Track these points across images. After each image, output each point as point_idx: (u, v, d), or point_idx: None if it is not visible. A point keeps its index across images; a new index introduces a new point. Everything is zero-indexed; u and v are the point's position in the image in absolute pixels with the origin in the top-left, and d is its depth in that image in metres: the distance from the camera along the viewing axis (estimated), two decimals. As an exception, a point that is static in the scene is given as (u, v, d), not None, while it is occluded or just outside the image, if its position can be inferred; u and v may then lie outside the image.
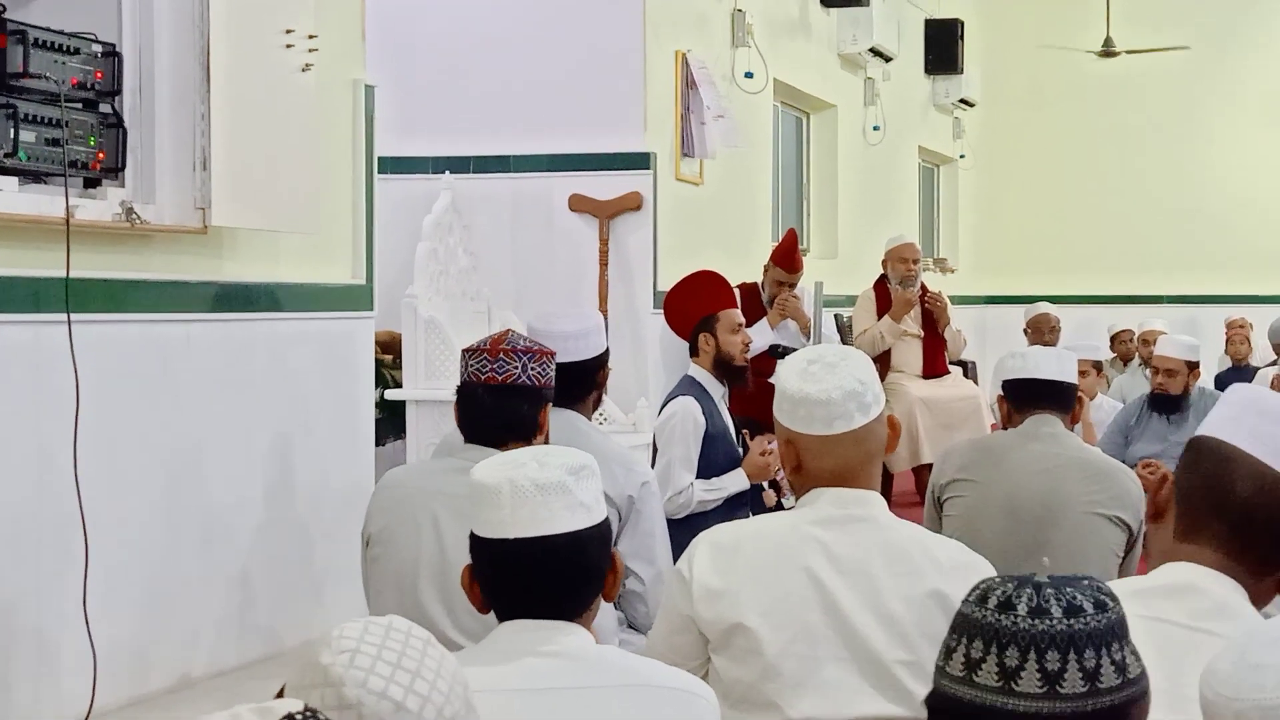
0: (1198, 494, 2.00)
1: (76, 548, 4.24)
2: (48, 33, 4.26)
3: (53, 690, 4.29)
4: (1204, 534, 1.98)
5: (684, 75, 8.27)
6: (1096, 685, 1.53)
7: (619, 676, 2.20)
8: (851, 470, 2.62)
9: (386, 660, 1.58)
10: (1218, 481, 1.98)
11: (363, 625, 1.62)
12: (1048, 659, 1.53)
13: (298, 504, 5.40)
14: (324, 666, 1.57)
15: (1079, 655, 1.53)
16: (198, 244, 4.88)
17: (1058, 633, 1.53)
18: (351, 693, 1.55)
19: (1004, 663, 1.54)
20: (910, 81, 13.05)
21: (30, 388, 4.23)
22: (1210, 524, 1.98)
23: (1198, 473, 2.01)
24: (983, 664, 1.56)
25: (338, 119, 5.71)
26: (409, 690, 1.56)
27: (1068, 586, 1.57)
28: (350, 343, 5.78)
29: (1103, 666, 1.54)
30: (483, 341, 3.43)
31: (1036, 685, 1.53)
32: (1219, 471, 1.98)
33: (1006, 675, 1.54)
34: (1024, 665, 1.53)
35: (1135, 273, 15.02)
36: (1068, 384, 4.21)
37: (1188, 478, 2.03)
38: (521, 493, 2.19)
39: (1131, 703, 1.57)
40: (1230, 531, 1.96)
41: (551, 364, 3.43)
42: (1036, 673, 1.53)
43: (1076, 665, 1.53)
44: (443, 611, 3.25)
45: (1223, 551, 1.96)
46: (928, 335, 8.92)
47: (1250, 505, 1.96)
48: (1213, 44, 14.72)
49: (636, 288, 8.02)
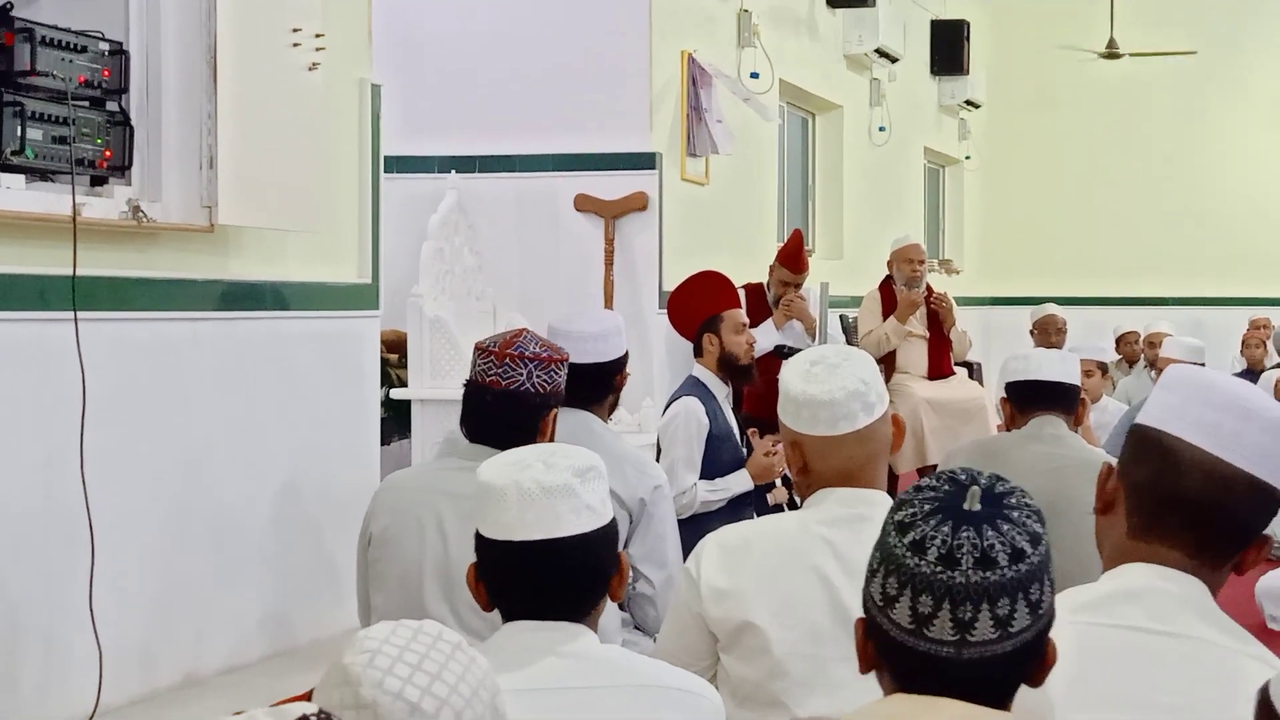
0: (1146, 491, 1.95)
1: (83, 545, 4.24)
2: (55, 31, 4.27)
3: (59, 688, 4.30)
4: (1158, 532, 1.93)
5: (690, 75, 8.27)
6: (1008, 630, 1.59)
7: (624, 677, 2.20)
8: (857, 470, 2.62)
9: (407, 662, 1.58)
10: (1166, 479, 1.93)
11: (391, 627, 1.63)
12: (961, 610, 1.58)
13: (304, 502, 5.41)
14: (344, 665, 1.58)
15: (991, 605, 1.58)
16: (204, 242, 4.89)
17: (973, 584, 1.58)
18: (367, 693, 1.55)
19: (917, 607, 1.59)
20: (916, 82, 13.05)
21: (37, 385, 4.24)
22: (1164, 523, 1.93)
23: (1144, 468, 1.96)
24: (897, 602, 1.61)
25: (344, 118, 5.71)
26: (426, 692, 1.56)
27: (997, 522, 1.60)
28: (356, 342, 5.78)
29: (1016, 613, 1.59)
30: (494, 341, 3.42)
31: (949, 633, 1.58)
32: (1165, 467, 1.93)
33: (919, 620, 1.59)
34: (936, 613, 1.58)
35: (1140, 274, 15.01)
36: (1070, 385, 4.21)
37: (1134, 472, 1.97)
38: (528, 496, 2.18)
39: (1040, 635, 1.63)
40: (1186, 530, 1.92)
41: (561, 370, 3.41)
42: (949, 621, 1.58)
43: (989, 614, 1.58)
44: (446, 610, 3.26)
45: (1180, 549, 1.92)
46: (933, 336, 8.91)
47: (1202, 500, 1.91)
48: (1218, 46, 14.71)
49: (641, 288, 8.02)
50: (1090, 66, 14.24)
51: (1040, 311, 10.80)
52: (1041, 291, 13.35)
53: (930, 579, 1.58)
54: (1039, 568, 1.60)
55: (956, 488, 1.64)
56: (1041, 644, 1.64)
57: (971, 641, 1.58)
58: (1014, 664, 1.62)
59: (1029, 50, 15.04)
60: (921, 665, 1.61)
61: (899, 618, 1.61)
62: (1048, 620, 1.64)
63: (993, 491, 1.64)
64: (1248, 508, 1.92)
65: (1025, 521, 1.62)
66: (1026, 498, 1.66)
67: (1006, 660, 1.60)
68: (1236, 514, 1.92)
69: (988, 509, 1.61)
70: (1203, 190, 15.03)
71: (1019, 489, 1.67)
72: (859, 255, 11.18)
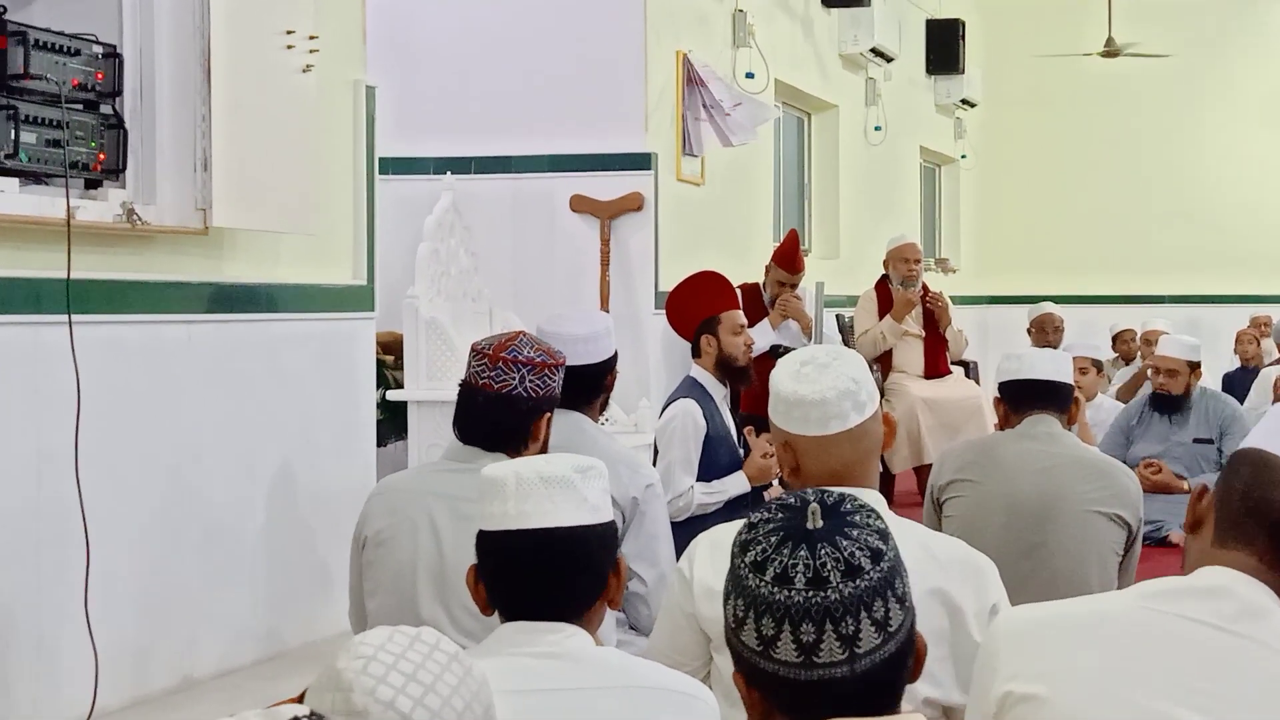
0: (1236, 501, 2.00)
1: (77, 548, 4.24)
2: (48, 34, 4.26)
3: (53, 691, 4.29)
4: (1240, 540, 1.97)
5: (685, 75, 8.27)
6: (855, 650, 1.55)
7: (619, 678, 2.20)
8: (849, 469, 2.62)
9: (401, 670, 1.56)
10: (1257, 488, 1.98)
11: (387, 633, 1.61)
12: (803, 630, 1.54)
13: (299, 505, 5.41)
14: (338, 670, 1.57)
15: (835, 625, 1.54)
16: (199, 245, 4.88)
17: (808, 605, 1.54)
18: (359, 700, 1.54)
19: (761, 630, 1.57)
20: (911, 82, 13.05)
21: (31, 388, 4.24)
22: (1247, 530, 1.97)
23: (1237, 480, 2.01)
24: (745, 624, 1.59)
25: (338, 120, 5.71)
26: (418, 703, 1.55)
27: (838, 539, 1.56)
28: (351, 343, 5.78)
29: (862, 632, 1.55)
30: (489, 343, 3.42)
31: (793, 655, 1.55)
32: (1258, 478, 1.98)
33: (765, 641, 1.57)
34: (779, 635, 1.56)
35: (1136, 273, 15.02)
36: (1063, 384, 4.22)
37: (1226, 487, 2.03)
38: (526, 484, 2.21)
39: (898, 652, 1.59)
40: (1267, 537, 1.96)
41: (555, 375, 3.41)
42: (792, 643, 1.55)
43: (834, 634, 1.55)
44: (441, 612, 3.26)
45: (1258, 557, 1.96)
46: (929, 335, 8.92)
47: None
48: (1213, 46, 14.73)
49: (638, 288, 8.02)
50: (1086, 65, 14.24)
51: (1037, 310, 10.83)
52: (1038, 290, 13.36)
53: (769, 599, 1.55)
54: (880, 584, 1.57)
55: (801, 505, 1.62)
56: (903, 660, 1.61)
57: (818, 663, 1.55)
58: (871, 683, 1.57)
59: (1024, 49, 15.03)
60: (772, 685, 1.58)
61: (748, 639, 1.59)
62: (905, 639, 1.60)
63: (835, 509, 1.62)
64: None
65: (865, 539, 1.59)
66: (871, 515, 1.63)
67: (861, 680, 1.56)
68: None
69: (828, 526, 1.58)
70: (1198, 189, 15.03)
71: (865, 506, 1.64)
72: (855, 255, 11.18)
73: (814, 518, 1.58)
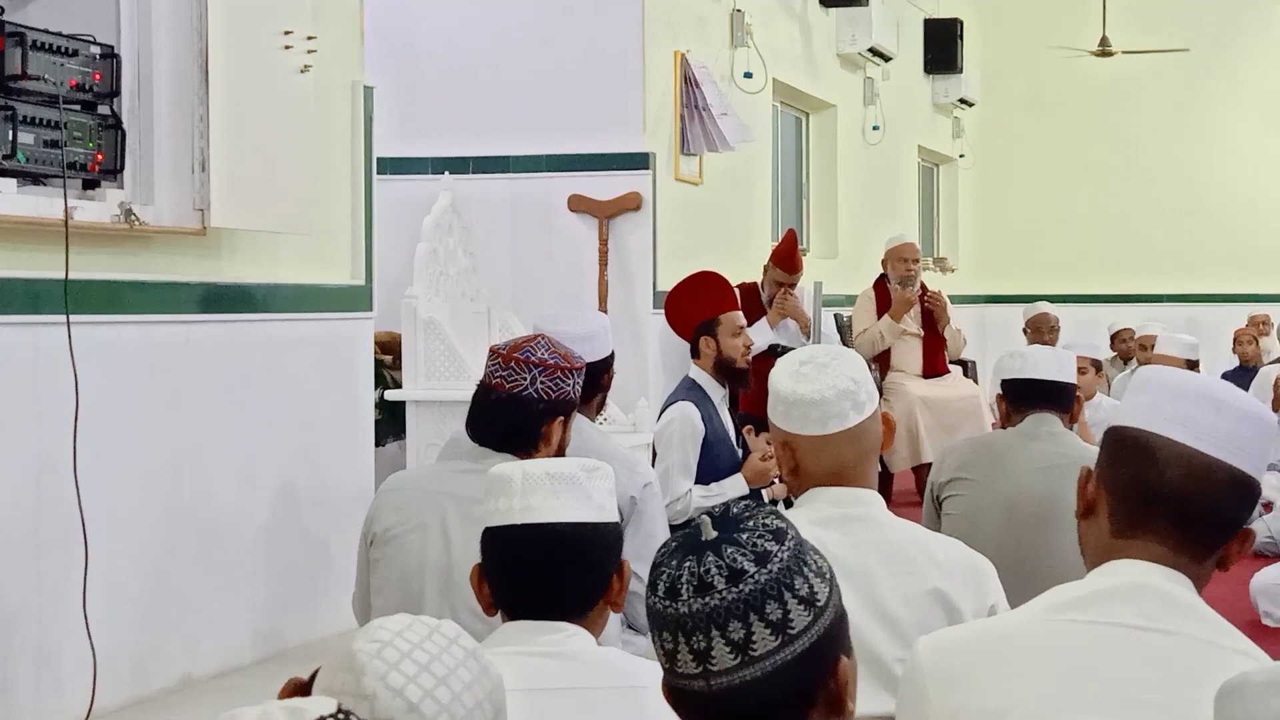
0: (1128, 489, 1.94)
1: (76, 549, 4.24)
2: (46, 34, 4.26)
3: (53, 692, 4.29)
4: (1143, 529, 1.93)
5: (683, 75, 8.27)
6: (749, 655, 1.52)
7: (619, 678, 2.20)
8: (848, 469, 2.62)
9: (415, 660, 1.54)
10: (1146, 474, 1.92)
11: (407, 620, 1.59)
12: (694, 640, 1.53)
13: (297, 505, 5.40)
14: (352, 652, 1.55)
15: (721, 630, 1.52)
16: (197, 245, 4.88)
17: (695, 613, 1.53)
18: (369, 684, 1.52)
19: (664, 645, 1.56)
20: (909, 81, 13.05)
21: (29, 389, 4.23)
22: (1148, 519, 1.92)
23: (1124, 467, 1.95)
24: (655, 643, 1.58)
25: (337, 120, 5.71)
26: (428, 694, 1.53)
27: (724, 546, 1.54)
28: (350, 344, 5.78)
29: (755, 635, 1.52)
30: (505, 344, 3.42)
31: (691, 666, 1.54)
32: (1145, 463, 1.93)
33: (668, 656, 1.56)
34: (677, 648, 1.54)
35: (1134, 272, 15.02)
36: (1066, 383, 4.20)
37: (1114, 473, 1.97)
38: (532, 479, 2.23)
39: (810, 656, 1.54)
40: (1169, 524, 1.91)
41: (569, 379, 3.39)
42: (689, 654, 1.54)
43: (722, 640, 1.52)
44: (446, 614, 3.24)
45: (1165, 545, 1.91)
46: (928, 334, 8.92)
47: (1184, 493, 1.91)
48: (1211, 45, 14.73)
49: (636, 288, 8.02)
50: (1083, 64, 14.25)
51: (1033, 310, 10.81)
52: (1036, 289, 13.36)
53: (663, 613, 1.55)
54: (771, 585, 1.53)
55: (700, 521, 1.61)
56: (820, 666, 1.56)
57: (714, 671, 1.52)
58: (779, 689, 1.53)
59: (1022, 48, 15.04)
60: (687, 701, 1.56)
61: (660, 658, 1.58)
62: (819, 641, 1.55)
63: (729, 518, 1.59)
64: (1229, 499, 1.93)
65: (754, 542, 1.55)
66: (766, 519, 1.59)
67: (766, 686, 1.53)
68: (1218, 506, 1.92)
69: (720, 535, 1.56)
70: (1196, 188, 15.04)
71: (763, 511, 1.61)
72: (853, 254, 11.18)
73: (705, 529, 1.57)
